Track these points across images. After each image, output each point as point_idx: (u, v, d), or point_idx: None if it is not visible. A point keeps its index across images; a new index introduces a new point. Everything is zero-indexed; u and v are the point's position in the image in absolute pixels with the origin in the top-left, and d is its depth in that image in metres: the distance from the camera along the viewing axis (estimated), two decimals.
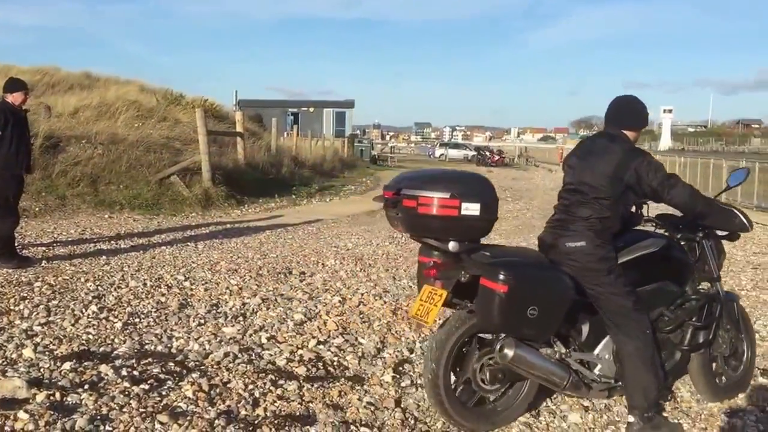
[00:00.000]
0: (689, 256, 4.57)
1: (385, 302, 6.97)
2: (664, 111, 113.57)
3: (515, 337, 3.97)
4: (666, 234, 4.61)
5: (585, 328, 4.22)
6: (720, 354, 4.76)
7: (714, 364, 4.73)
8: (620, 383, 4.17)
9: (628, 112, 4.28)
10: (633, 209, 4.38)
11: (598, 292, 4.02)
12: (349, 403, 4.38)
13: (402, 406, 4.41)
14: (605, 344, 4.23)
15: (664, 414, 4.44)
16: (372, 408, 4.32)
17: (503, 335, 3.99)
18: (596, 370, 4.21)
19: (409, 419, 4.22)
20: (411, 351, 5.50)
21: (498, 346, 3.99)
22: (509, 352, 3.92)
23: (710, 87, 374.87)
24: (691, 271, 4.57)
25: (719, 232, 4.65)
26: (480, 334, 4.09)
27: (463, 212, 3.85)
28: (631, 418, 4.07)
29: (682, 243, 4.60)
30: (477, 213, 3.88)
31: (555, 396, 4.63)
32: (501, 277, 3.78)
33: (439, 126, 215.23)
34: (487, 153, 53.64)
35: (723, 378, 4.80)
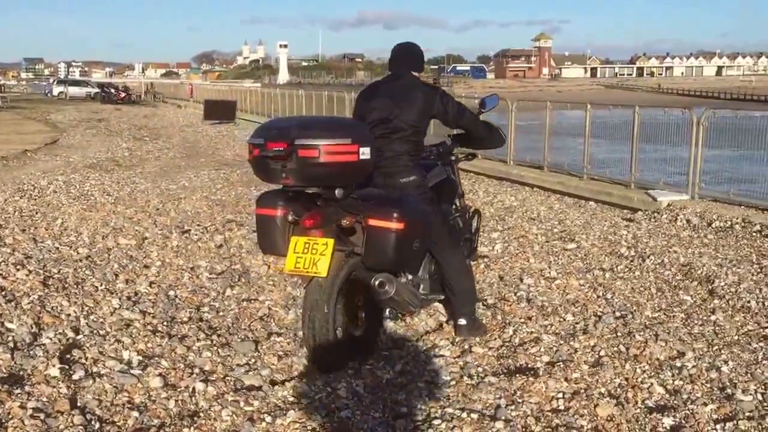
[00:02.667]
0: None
1: (30, 272, 5.83)
2: (281, 46, 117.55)
3: (401, 271, 4.32)
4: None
5: None
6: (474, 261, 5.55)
7: None
8: (434, 297, 4.80)
9: (413, 58, 4.78)
10: None
11: None
12: (9, 414, 3.42)
13: (79, 405, 3.58)
14: (424, 266, 4.64)
15: None
16: (41, 416, 3.42)
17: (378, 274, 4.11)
18: (421, 290, 4.64)
19: (93, 422, 3.41)
20: (77, 331, 4.57)
21: (377, 284, 4.09)
22: (391, 289, 4.11)
23: (319, 23, 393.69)
24: (458, 191, 5.18)
25: (461, 155, 5.33)
26: None
27: (361, 157, 3.97)
28: (462, 321, 4.70)
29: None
30: (369, 157, 4.01)
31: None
32: (395, 215, 3.97)
33: (53, 62, 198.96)
34: (113, 90, 50.59)
35: None
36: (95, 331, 4.59)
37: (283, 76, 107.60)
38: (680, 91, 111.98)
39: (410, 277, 4.49)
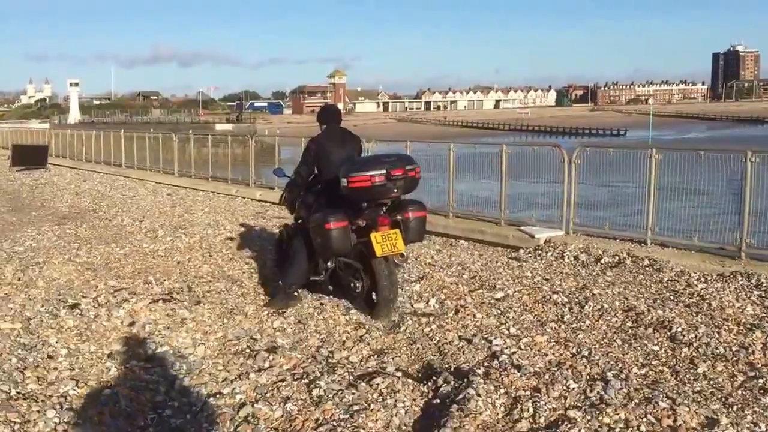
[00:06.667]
0: None
1: None
2: (71, 84, 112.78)
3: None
4: None
5: None
6: None
7: None
8: None
9: (339, 115, 7.45)
10: None
11: None
12: None
13: None
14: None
15: None
16: None
17: None
18: None
19: None
20: None
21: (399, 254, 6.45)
22: (406, 256, 7.11)
23: (111, 61, 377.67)
24: None
25: None
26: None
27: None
28: None
29: None
30: None
31: None
32: (423, 208, 6.66)
33: None
34: None
35: None
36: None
37: (74, 115, 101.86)
38: (465, 123, 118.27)
39: None
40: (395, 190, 6.19)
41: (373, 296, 6.40)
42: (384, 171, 6.10)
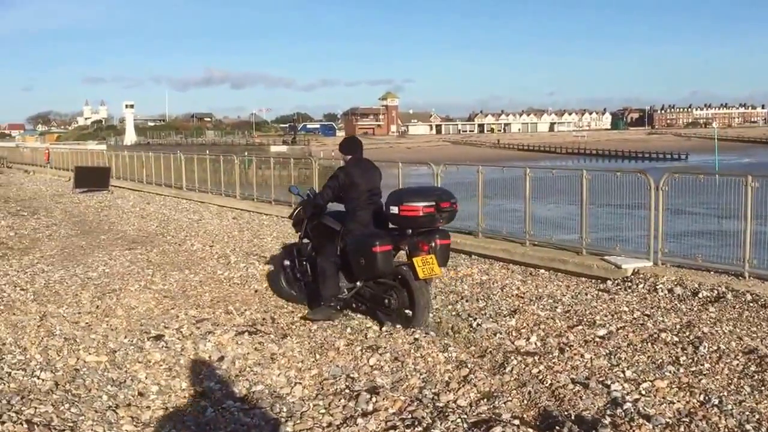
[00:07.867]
0: None
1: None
2: (127, 106, 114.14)
3: None
4: None
5: None
6: None
7: None
8: None
9: (362, 146, 7.72)
10: None
11: None
12: None
13: None
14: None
15: None
16: None
17: None
18: None
19: None
20: None
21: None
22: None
23: (165, 83, 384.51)
24: None
25: None
26: None
27: None
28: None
29: None
30: None
31: None
32: (449, 237, 7.17)
33: None
34: None
35: None
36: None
37: (131, 136, 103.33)
38: (519, 146, 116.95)
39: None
40: (441, 220, 6.87)
41: (407, 311, 6.85)
42: (434, 202, 6.78)
